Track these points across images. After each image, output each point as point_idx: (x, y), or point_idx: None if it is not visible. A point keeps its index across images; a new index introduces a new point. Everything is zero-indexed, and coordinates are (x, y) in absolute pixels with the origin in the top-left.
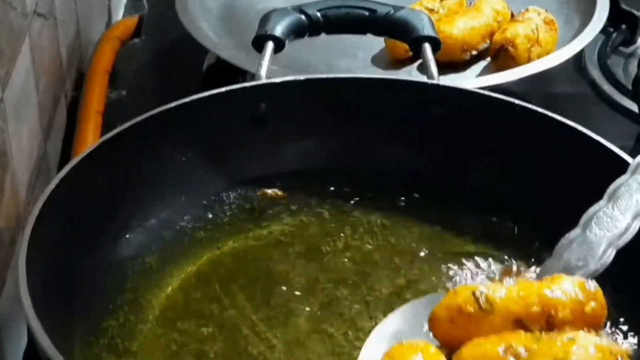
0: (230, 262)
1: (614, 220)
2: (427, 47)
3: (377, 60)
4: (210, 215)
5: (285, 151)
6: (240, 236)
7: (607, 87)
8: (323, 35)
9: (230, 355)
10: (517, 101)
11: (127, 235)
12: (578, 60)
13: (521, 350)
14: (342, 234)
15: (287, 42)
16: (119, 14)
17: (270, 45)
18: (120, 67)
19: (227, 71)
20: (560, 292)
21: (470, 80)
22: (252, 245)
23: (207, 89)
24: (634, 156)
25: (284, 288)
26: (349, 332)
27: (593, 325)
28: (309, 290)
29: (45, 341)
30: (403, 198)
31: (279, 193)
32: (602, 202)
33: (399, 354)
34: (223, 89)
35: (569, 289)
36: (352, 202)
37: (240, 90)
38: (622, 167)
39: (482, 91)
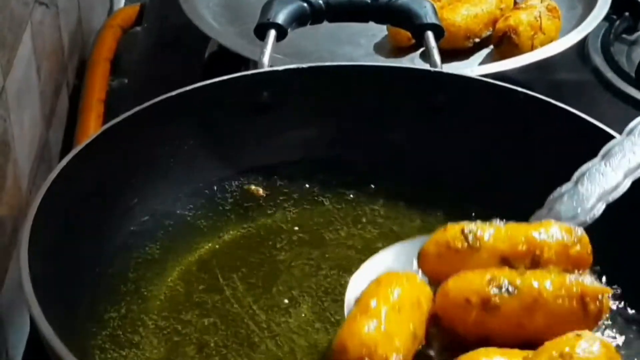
0: (232, 251)
1: (605, 177)
2: (430, 34)
3: (379, 48)
4: (212, 204)
5: (288, 139)
6: (242, 225)
7: (610, 75)
8: (325, 23)
9: (233, 345)
10: (520, 89)
11: (129, 224)
12: (581, 47)
13: (505, 282)
14: (344, 223)
15: (289, 30)
16: (120, 2)
17: (272, 33)
18: (122, 55)
19: (229, 59)
20: (546, 235)
21: (473, 68)
22: (254, 234)
23: (208, 77)
24: None
25: (286, 276)
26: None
27: (578, 268)
28: (312, 278)
29: (47, 330)
30: (406, 186)
31: (261, 191)
32: (595, 160)
33: (386, 280)
34: (225, 77)
35: (556, 232)
36: (354, 190)
37: (242, 79)
38: None
39: (485, 79)
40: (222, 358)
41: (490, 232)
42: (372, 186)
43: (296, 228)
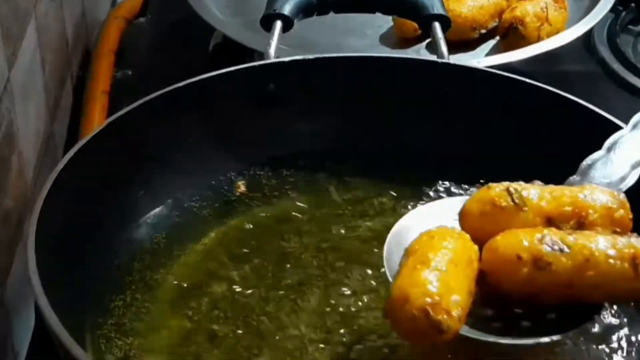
0: (239, 242)
1: (636, 145)
2: (437, 25)
3: (385, 39)
4: (218, 195)
5: (294, 130)
6: (248, 217)
7: (616, 66)
8: (331, 14)
9: (241, 334)
10: (527, 80)
11: (135, 216)
12: (587, 39)
13: (557, 240)
14: (351, 214)
15: (295, 21)
16: None
17: (278, 24)
18: (126, 46)
19: (234, 50)
20: (591, 197)
21: (479, 59)
22: (261, 226)
23: (213, 68)
24: None
25: (294, 267)
26: (362, 312)
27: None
28: (320, 269)
29: (54, 321)
30: (413, 177)
31: (242, 187)
32: (624, 130)
33: (440, 234)
34: (232, 68)
35: (600, 195)
36: (361, 180)
37: (249, 70)
38: None
39: (492, 70)
40: (230, 348)
41: (536, 192)
42: (379, 177)
43: (303, 219)
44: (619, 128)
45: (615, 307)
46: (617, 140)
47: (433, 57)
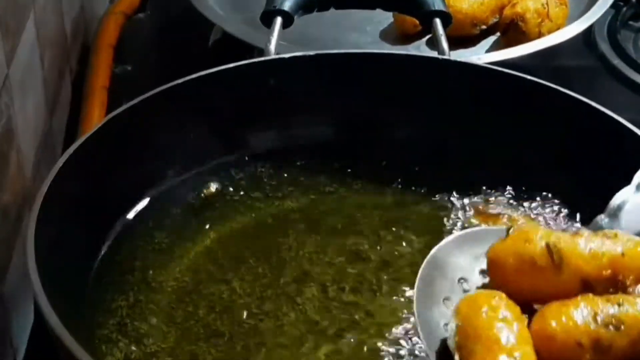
0: (240, 240)
1: None
2: (437, 22)
3: (385, 36)
4: (219, 192)
5: (294, 127)
6: (249, 213)
7: (617, 62)
8: (332, 10)
9: (241, 335)
10: (528, 76)
11: (135, 211)
12: (588, 35)
13: (610, 317)
14: (351, 210)
15: (295, 17)
16: None
17: (279, 21)
18: (125, 42)
19: (233, 46)
20: (629, 257)
21: (480, 55)
22: (262, 222)
23: (212, 64)
24: None
25: (294, 266)
26: (361, 309)
27: None
28: (319, 267)
29: (54, 320)
30: (413, 173)
31: (197, 216)
32: None
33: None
34: (232, 65)
35: (639, 256)
36: (361, 177)
37: (249, 66)
38: (633, 141)
39: (493, 66)
40: (230, 347)
41: (574, 250)
42: (379, 173)
43: (304, 216)
44: (619, 124)
45: None
46: None
47: (434, 54)
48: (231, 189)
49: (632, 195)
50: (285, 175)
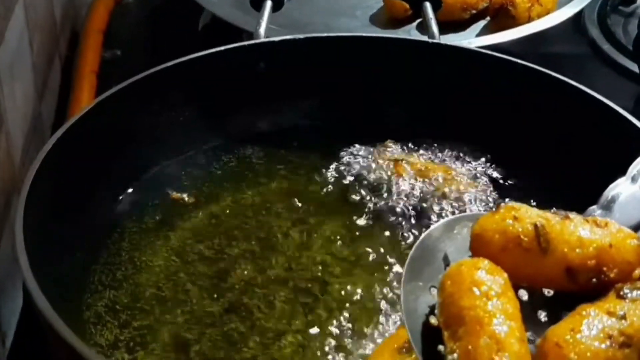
0: (228, 220)
1: None
2: (427, 6)
3: (375, 20)
4: (208, 174)
5: (284, 110)
6: (238, 194)
7: (606, 47)
8: None
9: (231, 315)
10: (519, 60)
11: (124, 194)
12: (577, 19)
13: (613, 326)
14: (340, 190)
15: (285, 0)
16: None
17: (268, 4)
18: (114, 27)
19: (223, 30)
20: (615, 249)
21: (470, 39)
22: (250, 202)
23: (202, 48)
24: (635, 115)
25: (283, 246)
26: (351, 288)
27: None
28: (308, 247)
29: (43, 304)
30: (404, 155)
31: (186, 199)
32: None
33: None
34: (222, 48)
35: (625, 245)
36: (352, 160)
37: (239, 49)
38: (623, 125)
39: (484, 50)
40: (221, 325)
41: (563, 235)
42: (370, 156)
43: (291, 196)
44: (607, 107)
45: None
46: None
47: (424, 38)
48: (220, 172)
49: (626, 187)
50: (275, 157)
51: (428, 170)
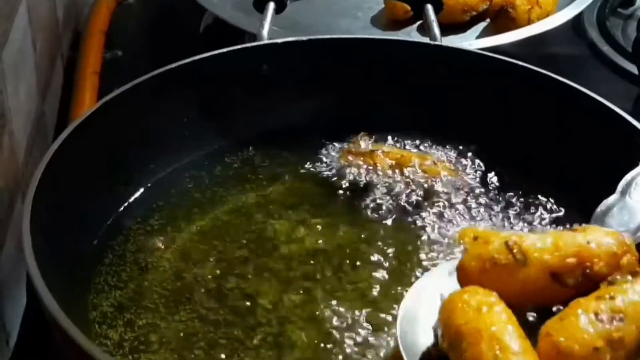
0: (232, 222)
1: None
2: (429, 8)
3: (376, 21)
4: (211, 176)
5: (287, 112)
6: (241, 196)
7: (605, 49)
8: None
9: (236, 316)
10: (520, 62)
11: (128, 197)
12: (577, 21)
13: (607, 309)
14: (342, 192)
15: (288, 2)
16: None
17: (271, 6)
18: (116, 27)
19: (224, 32)
20: (595, 244)
21: (471, 41)
22: (253, 205)
23: (203, 50)
24: (634, 117)
25: (285, 248)
26: (356, 291)
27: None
28: (310, 250)
29: (49, 300)
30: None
31: (160, 245)
32: (638, 169)
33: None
34: (225, 50)
35: (604, 240)
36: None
37: (242, 51)
38: (622, 126)
39: (485, 52)
40: (225, 325)
41: (537, 244)
42: None
43: (296, 198)
44: (606, 109)
45: None
46: (632, 182)
47: (425, 40)
48: (223, 173)
49: (616, 200)
50: (279, 159)
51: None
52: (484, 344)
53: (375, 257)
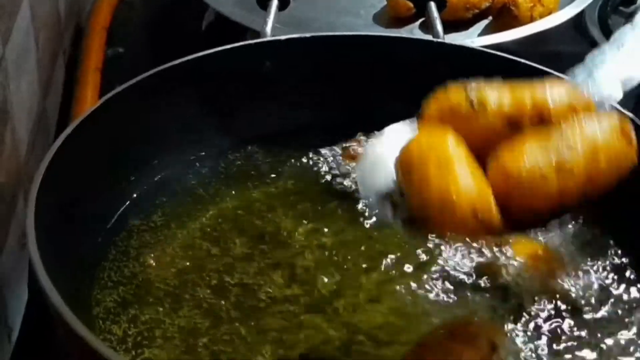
0: (235, 219)
1: (619, 63)
2: (432, 5)
3: (378, 19)
4: (214, 173)
5: (289, 109)
6: (244, 193)
7: None
8: None
9: (240, 312)
10: (523, 60)
11: (131, 193)
12: (579, 19)
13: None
14: (350, 191)
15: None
16: None
17: (275, 3)
18: (118, 24)
19: (227, 29)
20: (551, 92)
21: (473, 39)
22: (257, 203)
23: (206, 47)
24: (635, 114)
25: (288, 245)
26: (357, 288)
27: None
28: (314, 247)
29: (54, 295)
30: None
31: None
32: (606, 45)
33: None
34: (228, 46)
35: (560, 89)
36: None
37: (245, 48)
38: None
39: (488, 50)
40: (229, 321)
41: (495, 94)
42: None
43: (298, 196)
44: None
45: None
46: (600, 53)
47: (428, 37)
48: (227, 170)
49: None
50: (281, 156)
51: None
52: (432, 165)
53: (376, 254)
